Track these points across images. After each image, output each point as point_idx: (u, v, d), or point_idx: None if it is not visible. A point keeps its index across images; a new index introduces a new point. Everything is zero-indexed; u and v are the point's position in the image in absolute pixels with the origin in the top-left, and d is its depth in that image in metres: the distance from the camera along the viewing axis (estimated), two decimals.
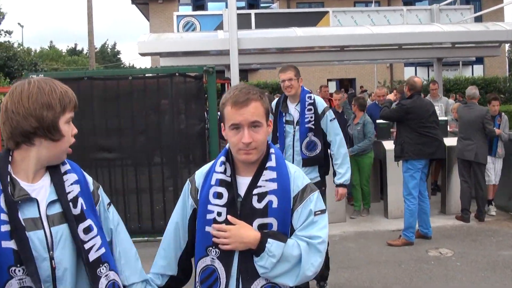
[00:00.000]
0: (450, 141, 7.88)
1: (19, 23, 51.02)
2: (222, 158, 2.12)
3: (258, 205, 1.99)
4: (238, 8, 8.29)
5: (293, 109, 4.77)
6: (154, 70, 7.39)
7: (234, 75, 7.40)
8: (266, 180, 2.02)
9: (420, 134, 6.34)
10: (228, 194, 2.02)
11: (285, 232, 2.00)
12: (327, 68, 24.96)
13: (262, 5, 25.17)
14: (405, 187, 6.52)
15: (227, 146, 2.14)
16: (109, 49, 62.07)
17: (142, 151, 7.01)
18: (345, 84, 26.17)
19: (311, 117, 4.66)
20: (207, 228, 2.02)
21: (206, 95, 7.28)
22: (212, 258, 2.03)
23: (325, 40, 8.82)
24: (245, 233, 1.96)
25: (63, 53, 56.79)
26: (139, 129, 7.02)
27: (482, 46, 10.24)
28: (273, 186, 2.01)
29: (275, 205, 1.98)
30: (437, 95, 9.60)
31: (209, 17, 12.54)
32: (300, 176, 2.10)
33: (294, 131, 4.73)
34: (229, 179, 2.05)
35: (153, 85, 7.05)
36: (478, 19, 14.01)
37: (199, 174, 2.19)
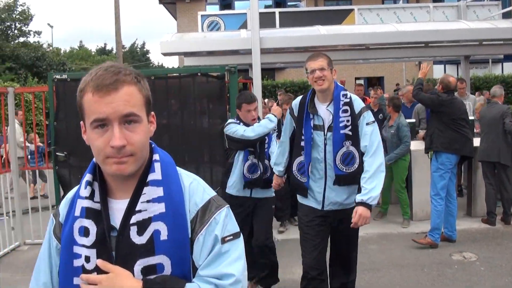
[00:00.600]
0: (475, 142, 7.71)
1: (48, 24, 51.89)
2: (88, 177, 1.54)
3: (140, 240, 1.39)
4: (266, 7, 8.29)
5: (324, 110, 3.72)
6: (176, 70, 7.41)
7: (256, 74, 7.36)
8: (148, 201, 1.42)
9: (450, 129, 6.27)
10: (97, 228, 1.42)
11: (184, 274, 1.42)
12: (354, 67, 24.73)
13: (289, 3, 25.08)
14: (433, 187, 6.36)
15: (94, 159, 1.54)
16: (138, 49, 62.74)
17: (164, 151, 7.02)
18: (373, 83, 25.87)
19: (348, 121, 3.64)
20: (75, 280, 1.43)
21: (228, 95, 7.27)
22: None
23: (349, 39, 8.70)
24: (121, 284, 1.35)
25: (93, 53, 57.61)
26: (161, 129, 7.04)
27: (510, 43, 9.96)
28: (159, 208, 1.42)
29: (163, 236, 1.40)
30: (465, 93, 9.39)
31: (233, 16, 12.54)
32: (199, 189, 1.53)
33: (325, 139, 3.69)
34: (97, 206, 1.46)
35: (175, 85, 7.07)
36: (506, 15, 13.62)
37: (64, 203, 1.61)
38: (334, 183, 3.67)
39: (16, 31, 30.53)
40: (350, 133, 3.62)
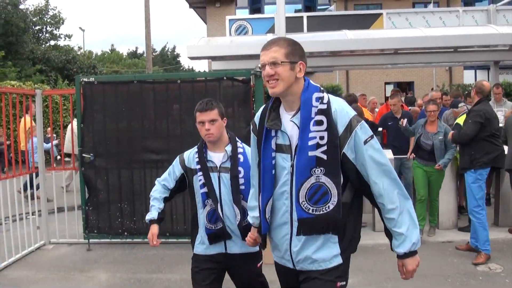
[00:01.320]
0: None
1: (80, 28, 52.89)
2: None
3: None
4: (296, 11, 8.27)
5: (289, 123, 2.50)
6: (202, 74, 7.45)
7: None
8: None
9: (488, 142, 6.04)
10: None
11: None
12: (384, 71, 24.50)
13: (319, 7, 25.01)
14: (472, 199, 6.09)
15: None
16: (168, 52, 63.37)
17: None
18: (403, 87, 25.59)
19: (322, 138, 2.39)
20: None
21: (253, 99, 7.28)
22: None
23: (376, 43, 8.62)
24: None
25: (124, 56, 58.42)
26: (186, 132, 7.09)
27: None
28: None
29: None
30: (501, 99, 9.09)
31: (261, 20, 12.56)
32: None
33: (293, 165, 2.47)
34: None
35: (201, 88, 7.11)
36: None
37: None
38: (299, 233, 2.48)
39: (47, 35, 31.15)
40: (323, 156, 2.38)
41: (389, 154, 7.70)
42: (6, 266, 6.43)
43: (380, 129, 8.45)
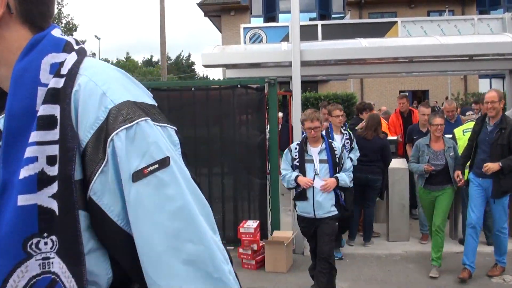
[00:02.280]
0: None
1: (95, 36, 53.34)
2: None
3: None
4: (310, 19, 8.29)
5: None
6: (217, 82, 7.48)
7: (296, 87, 7.32)
8: None
9: None
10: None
11: None
12: (399, 80, 24.39)
13: (333, 15, 25.02)
14: (503, 218, 5.80)
15: None
16: (183, 60, 63.70)
17: (203, 161, 7.08)
18: (418, 96, 25.43)
19: (50, 160, 0.81)
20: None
21: (267, 107, 7.28)
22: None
23: (391, 51, 8.56)
24: None
25: (139, 64, 58.85)
26: (200, 140, 7.11)
27: None
28: None
29: None
30: None
31: (275, 28, 12.59)
32: None
33: None
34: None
35: (215, 96, 7.14)
36: None
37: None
38: None
39: None
40: (54, 206, 1.14)
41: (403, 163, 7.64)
42: None
43: (394, 137, 8.37)
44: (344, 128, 7.11)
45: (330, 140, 5.38)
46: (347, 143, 6.73)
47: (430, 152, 6.19)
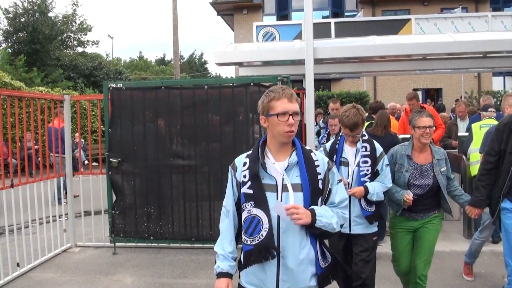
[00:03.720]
0: None
1: (109, 35, 53.72)
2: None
3: None
4: (323, 17, 8.29)
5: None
6: (229, 80, 7.47)
7: (309, 85, 7.29)
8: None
9: None
10: None
11: None
12: (412, 77, 24.26)
13: (346, 13, 24.92)
14: None
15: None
16: (196, 59, 63.83)
17: (216, 159, 7.09)
18: (432, 94, 25.27)
19: None
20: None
21: None
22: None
23: (405, 49, 8.49)
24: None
25: (152, 63, 59.06)
26: (213, 138, 7.11)
27: None
28: None
29: None
30: None
31: (288, 27, 12.56)
32: None
33: None
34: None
35: (228, 94, 7.13)
36: None
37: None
38: None
39: (74, 42, 31.59)
40: None
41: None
42: (33, 267, 6.53)
43: (408, 135, 8.31)
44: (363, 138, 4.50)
45: (308, 148, 2.78)
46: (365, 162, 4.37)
47: (409, 166, 4.44)
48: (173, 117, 7.15)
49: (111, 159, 7.14)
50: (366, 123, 7.56)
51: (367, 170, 4.26)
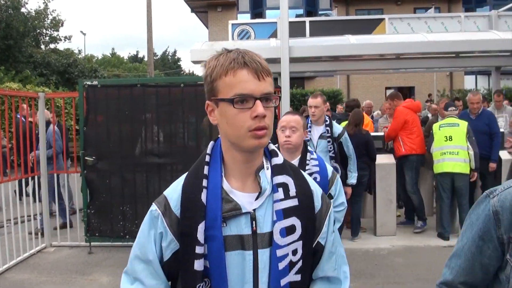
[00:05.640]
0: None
1: (81, 31, 53.06)
2: None
3: None
4: (297, 16, 8.36)
5: None
6: None
7: (284, 83, 7.36)
8: None
9: None
10: None
11: None
12: (385, 76, 24.55)
13: (320, 12, 25.09)
14: None
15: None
16: (169, 56, 63.43)
17: (191, 157, 7.07)
18: (404, 93, 25.62)
19: None
20: None
21: None
22: None
23: (379, 48, 8.64)
24: None
25: (125, 60, 58.50)
26: (190, 135, 7.11)
27: None
28: None
29: None
30: (502, 105, 9.20)
31: (263, 25, 12.61)
32: None
33: None
34: None
35: (204, 92, 7.13)
36: None
37: None
38: None
39: (47, 38, 31.03)
40: None
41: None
42: (8, 268, 6.43)
43: (381, 133, 8.44)
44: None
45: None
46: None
47: None
48: (148, 115, 7.12)
49: (86, 158, 7.08)
50: (345, 122, 7.65)
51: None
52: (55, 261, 6.80)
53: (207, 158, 1.55)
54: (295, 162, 3.41)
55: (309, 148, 3.57)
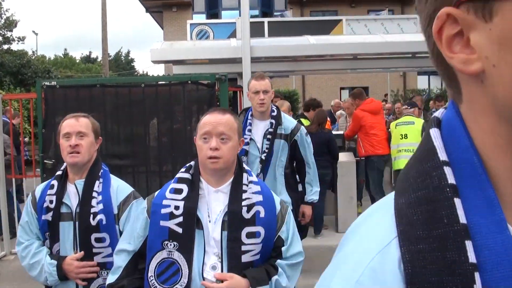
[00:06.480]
0: None
1: (33, 31, 51.55)
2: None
3: None
4: (252, 17, 8.42)
5: None
6: (166, 78, 7.43)
7: (246, 83, 7.37)
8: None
9: None
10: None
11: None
12: (340, 76, 24.92)
13: (276, 13, 25.25)
14: None
15: None
16: (123, 57, 62.53)
17: (154, 158, 7.02)
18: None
19: None
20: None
21: (218, 103, 7.29)
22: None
23: (338, 48, 8.79)
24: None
25: (77, 61, 57.31)
26: (151, 137, 7.04)
27: None
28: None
29: None
30: None
31: (222, 25, 12.60)
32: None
33: None
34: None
35: (165, 92, 7.07)
36: None
37: None
38: None
39: (0, 38, 30.09)
40: None
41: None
42: None
43: (341, 132, 8.57)
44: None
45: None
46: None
47: None
48: (108, 116, 7.00)
49: (45, 161, 6.90)
50: (304, 120, 7.73)
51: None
52: (16, 269, 6.57)
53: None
54: (225, 187, 2.23)
55: (245, 166, 2.36)
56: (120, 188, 2.79)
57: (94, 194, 2.64)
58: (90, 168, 2.75)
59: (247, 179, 2.25)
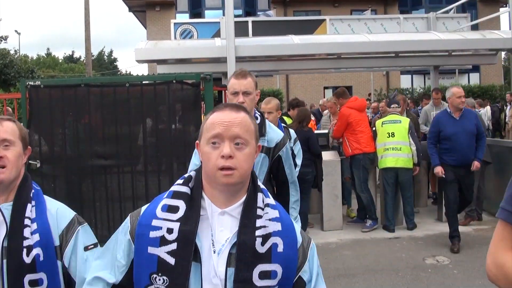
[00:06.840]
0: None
1: (16, 30, 50.97)
2: None
3: None
4: (236, 16, 8.42)
5: None
6: (151, 77, 7.41)
7: None
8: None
9: None
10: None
11: None
12: (323, 76, 25.05)
13: (259, 13, 25.29)
14: None
15: None
16: (105, 57, 62.17)
17: (138, 158, 7.00)
18: None
19: None
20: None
21: (203, 102, 7.29)
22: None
23: (322, 48, 8.85)
24: None
25: (60, 60, 56.81)
26: (135, 136, 7.01)
27: (478, 54, 10.28)
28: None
29: None
30: (440, 103, 9.62)
31: (206, 24, 12.57)
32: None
33: None
34: None
35: (150, 92, 7.04)
36: (475, 27, 14.06)
37: None
38: None
39: None
40: None
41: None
42: None
43: (325, 131, 8.62)
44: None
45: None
46: None
47: None
48: (93, 116, 6.96)
49: (30, 162, 6.85)
50: (287, 118, 7.77)
51: None
52: None
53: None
54: (235, 209, 1.66)
55: (260, 184, 1.75)
56: (60, 212, 2.15)
57: (27, 221, 2.01)
58: (18, 187, 2.11)
59: (263, 201, 1.68)
